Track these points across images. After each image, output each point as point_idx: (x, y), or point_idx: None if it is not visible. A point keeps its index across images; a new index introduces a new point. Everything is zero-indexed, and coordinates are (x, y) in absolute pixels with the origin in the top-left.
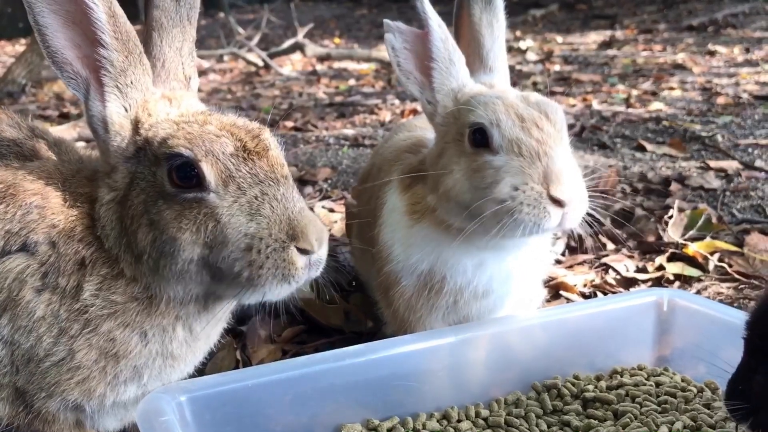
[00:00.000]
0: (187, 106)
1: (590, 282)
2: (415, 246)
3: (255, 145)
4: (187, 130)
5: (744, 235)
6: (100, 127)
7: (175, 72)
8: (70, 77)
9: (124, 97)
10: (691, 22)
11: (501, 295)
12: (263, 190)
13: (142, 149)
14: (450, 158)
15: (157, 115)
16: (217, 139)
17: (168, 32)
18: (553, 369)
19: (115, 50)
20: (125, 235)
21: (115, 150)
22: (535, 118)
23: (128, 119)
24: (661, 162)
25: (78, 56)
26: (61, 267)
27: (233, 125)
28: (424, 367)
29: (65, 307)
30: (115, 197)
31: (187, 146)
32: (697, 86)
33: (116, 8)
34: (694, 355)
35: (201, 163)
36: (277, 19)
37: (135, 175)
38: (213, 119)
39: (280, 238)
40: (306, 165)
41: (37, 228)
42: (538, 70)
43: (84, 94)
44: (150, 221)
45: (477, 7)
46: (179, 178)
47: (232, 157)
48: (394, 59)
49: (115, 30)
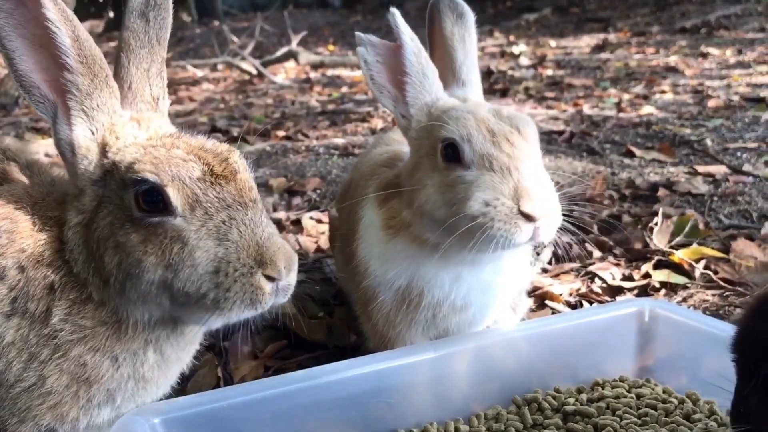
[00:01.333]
0: (155, 128)
1: (576, 291)
2: (391, 261)
3: (223, 169)
4: (153, 155)
5: (731, 241)
6: (67, 150)
7: (142, 94)
8: (38, 100)
9: (90, 120)
10: (684, 23)
11: (480, 308)
12: (231, 214)
13: (110, 172)
14: (424, 173)
15: (124, 138)
16: (183, 163)
17: (135, 53)
18: (534, 382)
19: (80, 74)
20: (93, 259)
21: (83, 173)
22: (506, 133)
23: (95, 142)
24: (650, 167)
25: (45, 79)
26: (30, 292)
27: (201, 148)
28: (404, 383)
29: (34, 332)
30: (82, 220)
31: (153, 171)
32: (689, 89)
33: (80, 32)
34: (676, 365)
35: (167, 189)
36: (271, 27)
37: (102, 198)
38: (181, 142)
39: (248, 263)
40: (295, 175)
41: (5, 253)
42: (530, 75)
43: (52, 118)
44: (116, 244)
45: (449, 21)
46: (145, 203)
47: (199, 182)
48: (367, 73)
49: (80, 54)
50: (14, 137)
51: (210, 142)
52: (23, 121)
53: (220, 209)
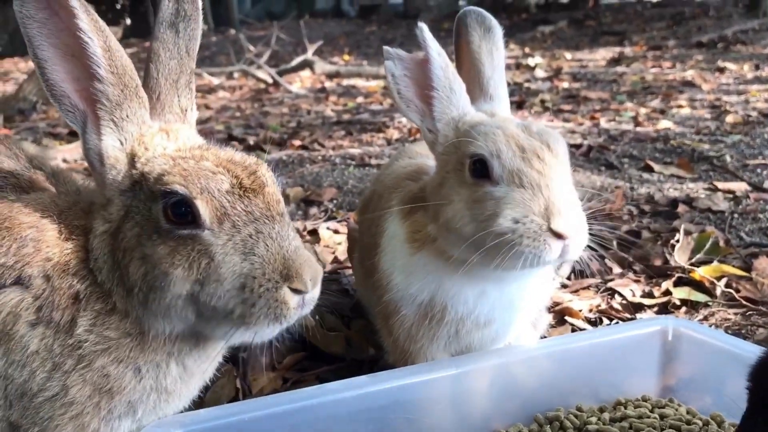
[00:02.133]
0: (184, 140)
1: (596, 307)
2: (415, 275)
3: (251, 182)
4: (182, 167)
5: (752, 259)
6: (96, 160)
7: (170, 105)
8: (68, 110)
9: (119, 130)
10: (701, 38)
11: (503, 324)
12: (258, 228)
13: (138, 183)
14: (451, 188)
15: (153, 149)
16: (213, 176)
17: (165, 65)
18: (556, 400)
19: (111, 84)
20: (118, 268)
21: (111, 183)
22: (536, 149)
23: (124, 153)
24: (669, 183)
25: (76, 89)
26: (56, 301)
27: (230, 161)
28: (425, 400)
29: (59, 342)
30: (108, 229)
31: (183, 183)
32: (707, 104)
33: (112, 42)
34: (699, 386)
35: (196, 201)
36: (286, 36)
37: (130, 208)
38: (210, 154)
39: (273, 278)
40: (312, 185)
41: (32, 261)
42: (546, 88)
43: (81, 127)
44: (143, 255)
45: (476, 35)
46: (174, 215)
47: (228, 195)
48: (394, 86)
49: (111, 64)
50: (32, 142)
51: (239, 154)
52: (41, 127)
53: (247, 222)
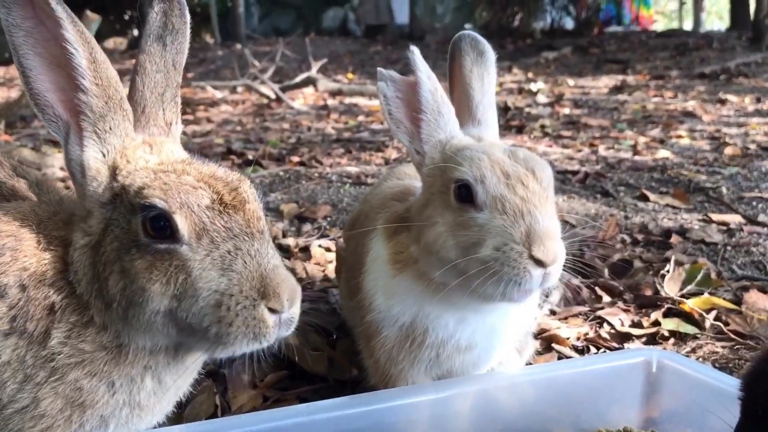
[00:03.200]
0: (167, 153)
1: (584, 335)
2: (397, 296)
3: (232, 198)
4: (163, 180)
5: (743, 292)
6: (77, 171)
7: (155, 118)
8: (51, 120)
9: (102, 142)
10: (703, 69)
11: (486, 349)
12: (237, 244)
13: (119, 196)
14: (435, 210)
15: (135, 162)
16: (193, 190)
17: (151, 78)
18: (537, 428)
19: (95, 96)
20: (97, 281)
21: (92, 195)
22: (521, 176)
23: (105, 165)
24: (663, 213)
25: (60, 99)
26: (30, 312)
27: (212, 176)
28: (405, 423)
29: (32, 353)
30: (89, 242)
31: (162, 197)
32: (706, 135)
33: (97, 54)
34: (682, 418)
35: (175, 215)
36: (292, 52)
37: (110, 221)
38: (192, 169)
39: (250, 296)
40: (307, 202)
41: (8, 271)
42: (547, 113)
43: (64, 138)
44: (122, 269)
45: (468, 59)
46: (153, 229)
47: (208, 210)
48: (386, 107)
49: (96, 76)
50: (31, 149)
51: (221, 170)
52: (41, 134)
53: (226, 239)
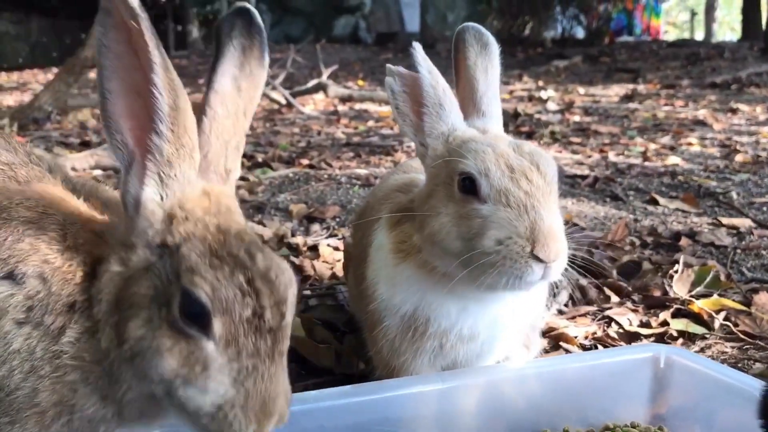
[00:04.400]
0: (225, 215)
1: (591, 334)
2: (399, 285)
3: (272, 317)
4: (214, 275)
5: (753, 294)
6: (131, 204)
7: (216, 164)
8: (118, 146)
9: (163, 186)
10: (715, 79)
11: (488, 340)
12: (256, 364)
13: (170, 253)
14: (439, 200)
15: (194, 222)
16: (240, 298)
17: (220, 122)
18: (543, 421)
19: (168, 141)
20: (117, 313)
21: (140, 233)
22: (525, 169)
23: (162, 209)
24: (673, 216)
25: (132, 128)
26: (50, 306)
27: (264, 277)
28: (410, 414)
29: (42, 346)
30: (123, 273)
31: (209, 296)
32: (717, 143)
33: (181, 102)
34: (690, 414)
35: (215, 319)
36: (303, 59)
37: (152, 267)
38: (248, 259)
39: (248, 416)
40: (316, 202)
41: (27, 259)
42: (557, 120)
43: (126, 167)
44: (148, 319)
45: (473, 51)
46: (188, 315)
47: (246, 323)
48: (393, 102)
49: (174, 123)
50: (44, 150)
51: (275, 265)
52: (53, 136)
53: (250, 356)
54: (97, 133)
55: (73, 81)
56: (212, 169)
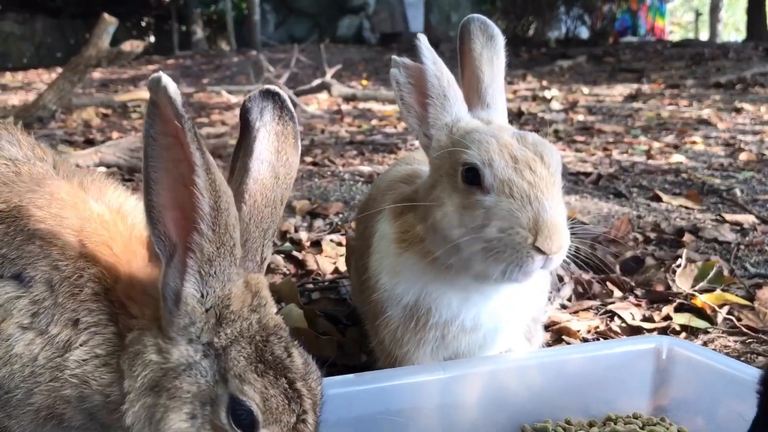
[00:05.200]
0: (264, 302)
1: (594, 328)
2: (401, 275)
3: (312, 422)
4: (262, 384)
5: (756, 290)
6: (171, 297)
7: (253, 254)
8: (160, 237)
9: (203, 283)
10: (719, 79)
11: (491, 330)
12: None
13: (217, 353)
14: (442, 191)
15: (240, 320)
16: (286, 407)
17: (259, 211)
18: (545, 412)
19: (209, 240)
20: (152, 396)
21: (181, 329)
22: (529, 160)
23: (202, 306)
24: (676, 213)
25: (174, 219)
26: (56, 317)
27: (303, 377)
28: (412, 402)
29: (45, 354)
30: (161, 364)
31: (260, 409)
32: (721, 141)
33: (222, 202)
34: (692, 406)
35: (263, 430)
36: (307, 59)
37: (194, 365)
38: (291, 362)
39: None
40: (319, 198)
41: (36, 263)
42: (561, 119)
43: (167, 259)
44: (192, 415)
45: (478, 43)
46: (237, 424)
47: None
48: (398, 93)
49: (215, 222)
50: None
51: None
52: (58, 134)
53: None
54: (101, 131)
55: (77, 80)
56: (249, 257)
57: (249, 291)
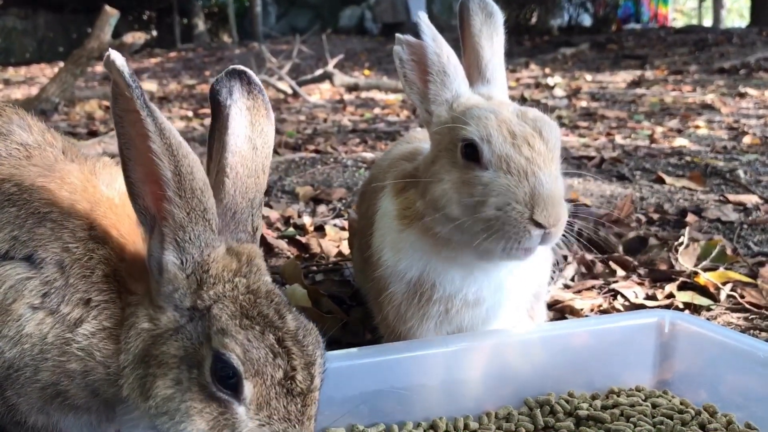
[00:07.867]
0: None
1: (597, 307)
2: (403, 251)
3: (302, 380)
4: (246, 335)
5: (759, 268)
6: (155, 268)
7: (244, 224)
8: (141, 210)
9: (181, 250)
10: (723, 64)
11: (493, 305)
12: (287, 429)
13: (200, 316)
14: (442, 166)
15: (223, 282)
16: (272, 359)
17: (243, 182)
18: (548, 385)
19: (177, 206)
20: (142, 367)
21: (166, 296)
22: (527, 136)
23: (183, 273)
24: (679, 194)
25: (151, 192)
26: (67, 296)
27: (294, 337)
28: (416, 376)
29: (55, 332)
30: (151, 330)
31: (240, 358)
32: (724, 125)
33: (183, 167)
34: (695, 378)
35: (246, 381)
36: (309, 50)
37: (180, 329)
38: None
39: None
40: (322, 185)
41: (47, 245)
42: (564, 105)
43: (149, 231)
44: (177, 381)
45: (477, 20)
46: (219, 379)
47: (278, 386)
48: (401, 70)
49: (179, 187)
50: None
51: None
52: (61, 126)
53: (281, 420)
54: (104, 123)
55: (80, 72)
56: (241, 228)
57: (236, 257)
